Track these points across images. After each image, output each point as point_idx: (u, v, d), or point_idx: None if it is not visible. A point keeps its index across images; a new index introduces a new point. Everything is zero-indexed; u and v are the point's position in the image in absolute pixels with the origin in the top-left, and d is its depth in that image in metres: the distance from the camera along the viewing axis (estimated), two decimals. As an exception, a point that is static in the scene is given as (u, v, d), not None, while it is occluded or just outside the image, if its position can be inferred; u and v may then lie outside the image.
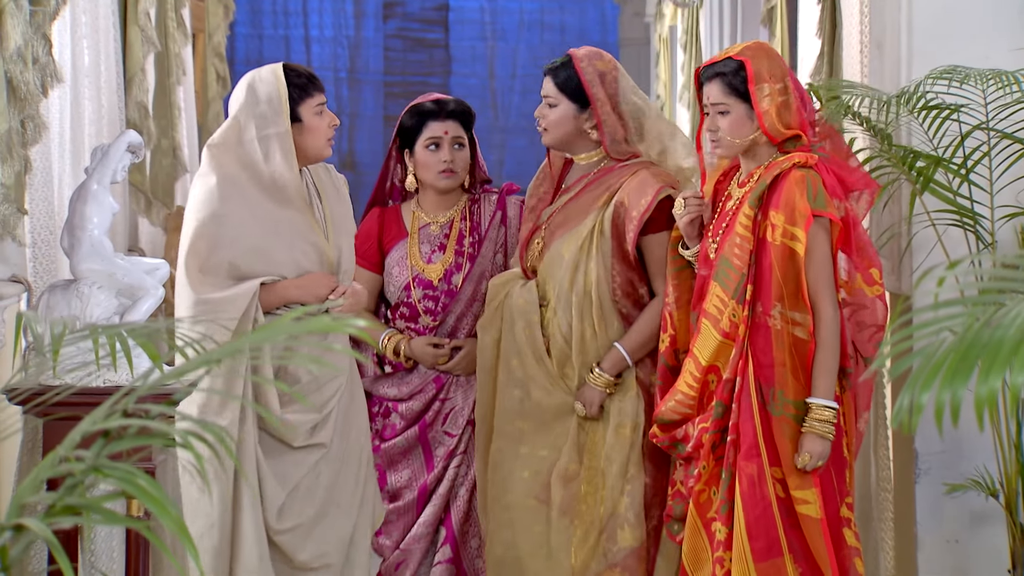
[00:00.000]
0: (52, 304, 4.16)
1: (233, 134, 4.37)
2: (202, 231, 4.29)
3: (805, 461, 4.20)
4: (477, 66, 16.80)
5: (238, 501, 4.30)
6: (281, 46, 16.48)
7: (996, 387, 2.01)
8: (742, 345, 4.28)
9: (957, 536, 5.08)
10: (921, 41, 5.08)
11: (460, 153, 4.95)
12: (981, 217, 4.84)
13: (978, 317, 2.15)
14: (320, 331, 2.02)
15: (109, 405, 1.95)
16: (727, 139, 4.35)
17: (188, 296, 4.27)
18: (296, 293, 4.38)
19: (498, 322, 4.76)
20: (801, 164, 4.27)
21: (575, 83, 4.69)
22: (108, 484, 1.98)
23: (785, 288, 4.24)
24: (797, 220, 4.22)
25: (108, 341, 2.37)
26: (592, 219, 4.68)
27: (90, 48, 5.32)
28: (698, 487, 4.36)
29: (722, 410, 4.31)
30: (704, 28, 10.64)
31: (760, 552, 4.21)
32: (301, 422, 4.37)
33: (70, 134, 4.90)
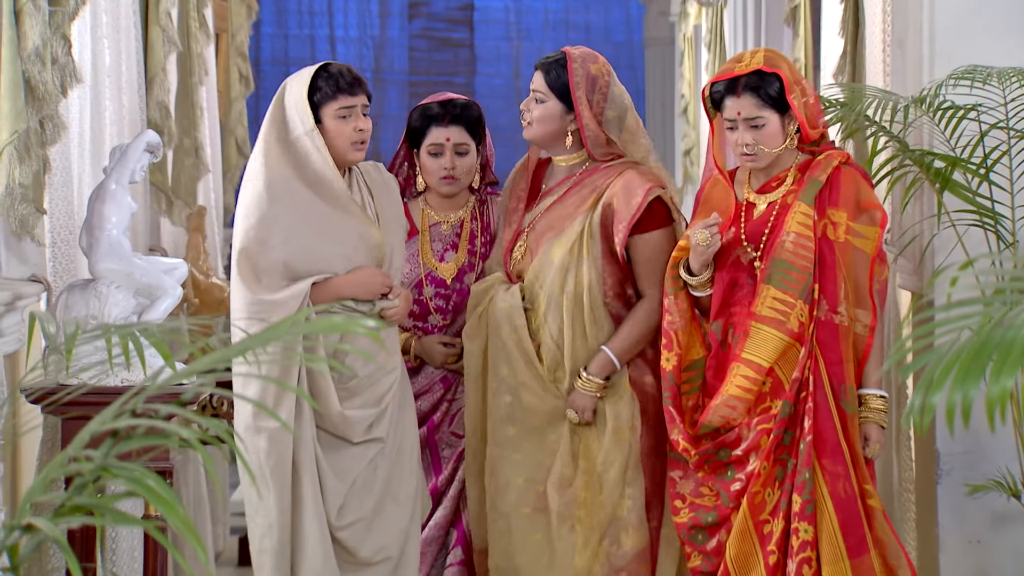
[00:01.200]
0: (70, 304, 4.17)
1: (274, 134, 4.42)
2: (253, 234, 4.34)
3: (875, 451, 4.29)
4: (502, 66, 16.78)
5: (299, 500, 4.33)
6: (307, 46, 16.48)
7: (1008, 387, 2.00)
8: (810, 345, 4.28)
9: (979, 537, 5.06)
10: (943, 40, 5.06)
11: (463, 160, 4.94)
12: (1002, 217, 4.82)
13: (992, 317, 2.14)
14: (330, 331, 2.02)
15: (119, 405, 1.96)
16: (765, 151, 4.34)
17: (243, 296, 4.30)
18: (349, 289, 4.42)
19: (484, 329, 4.73)
20: (844, 162, 4.31)
21: (564, 83, 4.66)
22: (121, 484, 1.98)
23: (848, 284, 4.26)
24: (863, 217, 4.24)
25: (121, 341, 2.36)
26: (580, 222, 4.65)
27: (111, 48, 5.32)
28: (754, 488, 4.34)
29: (789, 410, 4.30)
30: (728, 27, 10.62)
31: (853, 549, 4.26)
32: (360, 418, 4.41)
33: (90, 134, 4.91)
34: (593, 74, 4.66)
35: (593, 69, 4.67)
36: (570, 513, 4.63)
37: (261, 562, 4.37)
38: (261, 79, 16.04)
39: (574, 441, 4.67)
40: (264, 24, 16.20)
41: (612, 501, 4.60)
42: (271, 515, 4.32)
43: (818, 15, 6.99)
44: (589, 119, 4.63)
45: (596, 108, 4.64)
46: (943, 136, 4.87)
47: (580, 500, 4.63)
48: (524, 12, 16.90)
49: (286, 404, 4.28)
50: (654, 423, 4.64)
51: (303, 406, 4.31)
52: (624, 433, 4.62)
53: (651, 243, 4.63)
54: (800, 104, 4.31)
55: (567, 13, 16.85)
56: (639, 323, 4.64)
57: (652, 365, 4.67)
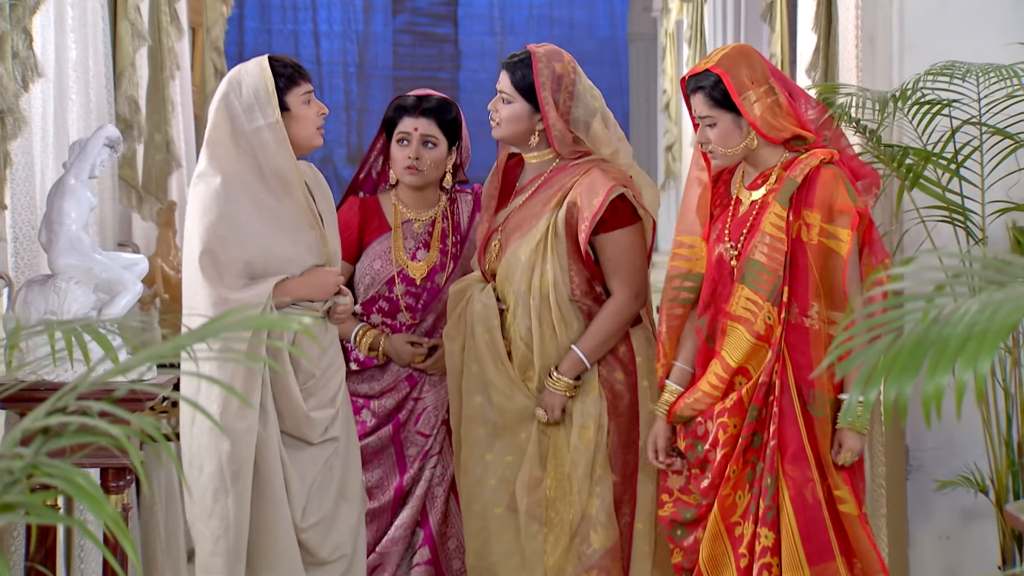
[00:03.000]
0: (30, 299, 4.15)
1: (225, 129, 4.36)
2: (214, 231, 4.28)
3: (847, 458, 4.19)
4: (486, 61, 16.78)
5: (265, 502, 4.30)
6: (290, 40, 16.48)
7: (943, 384, 1.99)
8: (779, 347, 4.25)
9: (948, 533, 5.07)
10: (913, 36, 5.06)
11: (430, 152, 4.93)
12: (972, 212, 4.82)
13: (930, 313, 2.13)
14: (266, 327, 2.01)
15: (52, 402, 1.94)
16: (719, 150, 4.32)
17: (208, 295, 4.24)
18: (304, 291, 4.38)
19: (463, 329, 4.72)
20: (827, 161, 4.24)
21: (529, 82, 4.63)
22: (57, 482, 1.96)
23: (822, 287, 4.21)
24: (837, 219, 4.19)
25: (64, 337, 2.35)
26: (546, 220, 4.63)
27: (77, 42, 5.29)
28: (724, 490, 4.32)
29: (756, 413, 4.28)
30: (708, 23, 10.61)
31: (813, 555, 4.20)
32: (321, 419, 4.40)
33: (53, 128, 4.88)
34: (559, 73, 4.63)
35: (558, 68, 4.64)
36: (539, 513, 4.62)
37: (212, 565, 4.29)
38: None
39: (543, 441, 4.66)
40: (247, 19, 16.19)
41: (581, 500, 4.59)
42: (228, 518, 4.27)
43: (794, 11, 6.97)
44: (555, 119, 4.61)
45: (562, 107, 4.62)
46: (914, 132, 4.86)
47: (550, 500, 4.62)
48: (508, 7, 16.91)
49: (252, 399, 4.25)
50: (625, 420, 4.64)
51: (268, 409, 4.29)
52: (590, 431, 4.60)
53: (616, 241, 4.62)
54: (752, 104, 4.26)
55: (551, 8, 16.86)
56: (607, 321, 4.63)
57: (622, 362, 4.67)
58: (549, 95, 4.59)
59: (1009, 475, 4.76)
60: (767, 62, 4.37)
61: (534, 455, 4.64)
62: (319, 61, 16.49)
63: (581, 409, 4.62)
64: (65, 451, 2.03)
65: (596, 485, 4.60)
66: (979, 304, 2.08)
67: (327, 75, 16.47)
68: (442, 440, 4.91)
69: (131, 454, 1.80)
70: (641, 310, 4.73)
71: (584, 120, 4.64)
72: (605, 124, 4.69)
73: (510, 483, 4.66)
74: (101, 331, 2.39)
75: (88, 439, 1.87)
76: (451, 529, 4.91)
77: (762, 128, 4.24)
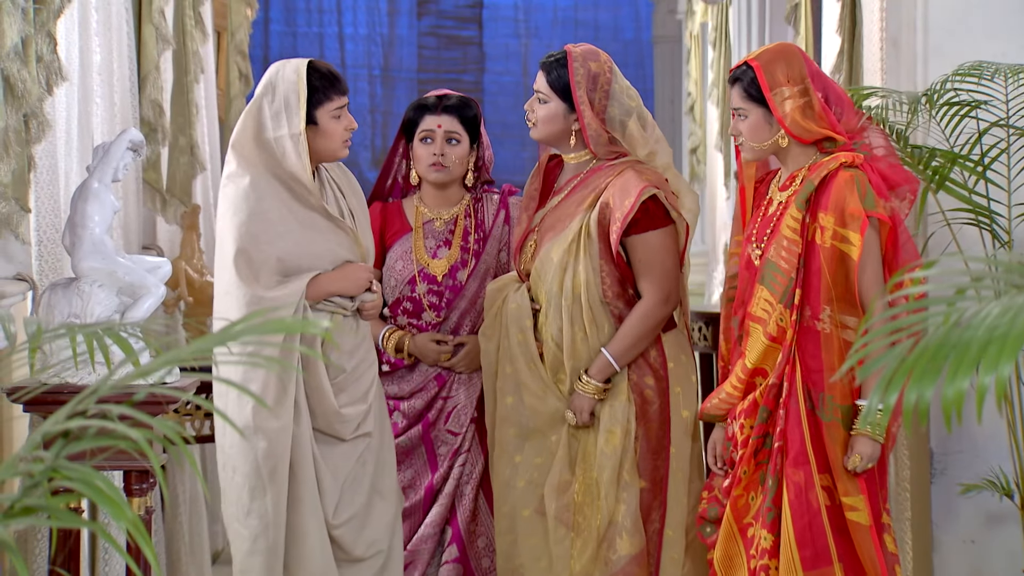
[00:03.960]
0: (53, 303, 4.16)
1: (251, 131, 4.38)
2: (246, 230, 4.31)
3: (856, 463, 4.15)
4: (511, 63, 16.77)
5: (297, 500, 4.32)
6: (315, 43, 16.48)
7: (963, 388, 1.98)
8: (790, 350, 4.24)
9: (973, 537, 5.05)
10: (937, 39, 5.06)
11: (454, 148, 4.96)
12: (997, 215, 4.80)
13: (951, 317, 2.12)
14: (280, 331, 2.01)
15: (72, 406, 1.95)
16: (748, 143, 4.34)
17: (243, 295, 4.28)
18: (337, 285, 4.42)
19: (499, 328, 4.73)
20: (848, 164, 4.22)
21: (565, 82, 4.65)
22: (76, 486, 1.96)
23: (835, 291, 4.19)
24: (849, 222, 4.17)
25: (86, 340, 2.36)
26: (579, 221, 4.64)
27: (102, 46, 5.30)
28: (736, 491, 4.32)
29: (767, 415, 4.27)
30: (733, 25, 10.59)
31: (808, 561, 4.17)
32: (353, 415, 4.41)
33: (78, 132, 4.89)
34: (594, 72, 4.64)
35: (594, 67, 4.65)
36: (567, 518, 4.62)
37: (250, 564, 4.32)
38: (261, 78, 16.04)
39: (572, 445, 4.65)
40: (272, 22, 16.20)
41: (608, 506, 4.58)
42: (267, 516, 4.29)
43: (819, 13, 6.96)
44: (591, 118, 4.62)
45: (598, 107, 4.63)
46: (941, 134, 4.85)
47: (578, 505, 4.61)
48: (533, 10, 16.89)
49: (285, 404, 4.27)
50: (655, 426, 4.63)
51: (301, 406, 4.31)
52: (616, 436, 4.59)
53: (647, 243, 4.61)
54: (783, 101, 4.26)
55: (576, 11, 16.83)
56: (636, 324, 4.62)
57: (653, 367, 4.66)
58: (584, 94, 4.61)
59: (1034, 479, 4.74)
60: (811, 65, 4.34)
61: (564, 459, 4.63)
62: (344, 64, 16.49)
63: (609, 413, 4.61)
64: (86, 454, 2.03)
65: (623, 491, 4.59)
66: (1000, 308, 2.07)
67: (352, 78, 16.46)
68: (471, 438, 4.93)
69: (151, 458, 1.80)
70: (676, 314, 4.72)
71: (620, 119, 4.64)
72: (642, 125, 4.69)
73: (539, 486, 4.65)
74: (123, 335, 2.40)
75: (108, 443, 1.87)
76: (480, 527, 4.92)
77: (790, 126, 4.25)
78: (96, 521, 4.11)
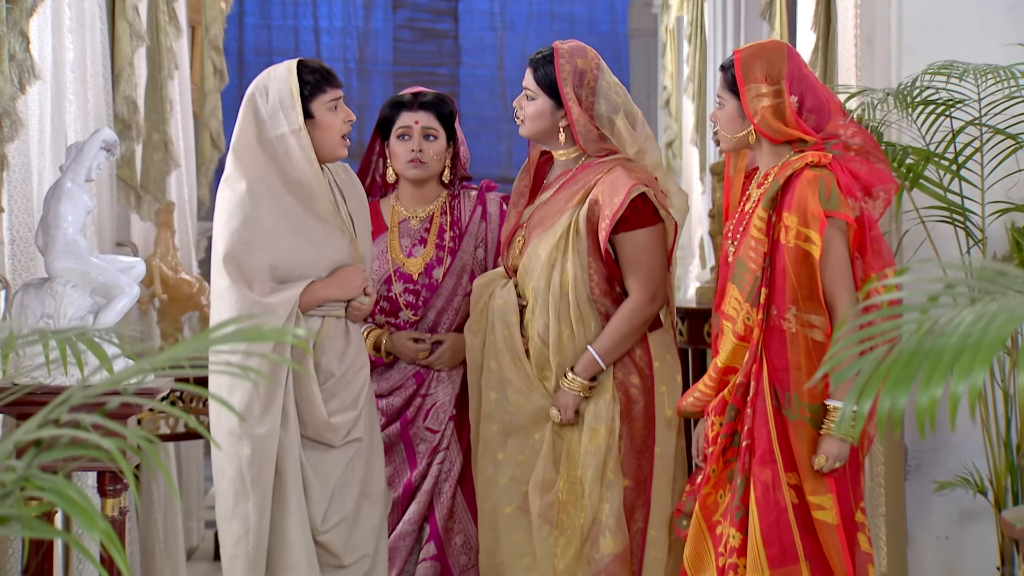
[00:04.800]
0: (26, 303, 4.14)
1: (251, 134, 4.38)
2: (239, 236, 4.31)
3: (822, 463, 4.14)
4: (487, 56, 16.75)
5: (283, 507, 4.31)
6: (290, 36, 16.44)
7: (937, 396, 1.99)
8: (756, 349, 4.23)
9: (947, 533, 5.07)
10: (911, 37, 5.06)
11: (432, 144, 4.96)
12: (971, 213, 4.81)
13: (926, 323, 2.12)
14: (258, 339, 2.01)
15: (44, 414, 1.94)
16: (722, 133, 4.35)
17: (236, 300, 4.27)
18: (332, 292, 4.41)
19: (484, 323, 4.73)
20: (814, 164, 4.21)
21: (552, 79, 4.65)
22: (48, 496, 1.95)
23: (800, 290, 4.18)
24: (810, 222, 4.15)
25: (59, 346, 2.35)
26: (567, 218, 4.64)
27: (75, 43, 5.28)
28: (705, 489, 4.32)
29: (734, 413, 4.27)
30: (709, 20, 10.59)
31: (775, 559, 4.17)
32: (343, 423, 4.41)
33: (51, 130, 4.87)
34: (581, 68, 4.64)
35: (581, 63, 4.65)
36: (550, 516, 4.61)
37: (233, 567, 4.34)
38: (245, 69, 15.99)
39: (557, 443, 4.65)
40: (247, 15, 16.16)
41: (592, 504, 4.57)
42: (249, 521, 4.30)
43: (794, 9, 6.96)
44: (579, 114, 4.62)
45: (585, 103, 4.63)
46: (916, 132, 4.85)
47: (562, 503, 4.61)
48: (508, 3, 16.88)
49: (272, 412, 4.27)
50: (639, 425, 4.63)
51: (289, 414, 4.30)
52: (600, 434, 4.59)
53: (635, 241, 4.61)
54: (754, 98, 4.26)
55: (551, 4, 16.83)
56: (623, 322, 4.62)
57: (638, 366, 4.66)
58: (571, 90, 4.61)
59: (1008, 476, 4.75)
60: (798, 68, 4.28)
61: (547, 456, 4.63)
62: (319, 57, 16.43)
63: (593, 411, 4.61)
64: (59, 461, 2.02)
65: (607, 489, 4.58)
66: (973, 315, 2.07)
67: (327, 71, 16.44)
68: (450, 436, 4.92)
69: (123, 468, 1.79)
70: (662, 313, 4.72)
71: (608, 116, 4.64)
72: (631, 123, 4.69)
73: (521, 483, 4.65)
74: (96, 340, 2.39)
75: (80, 452, 1.86)
76: (458, 525, 4.91)
77: (759, 123, 4.24)
78: (70, 532, 4.10)
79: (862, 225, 4.22)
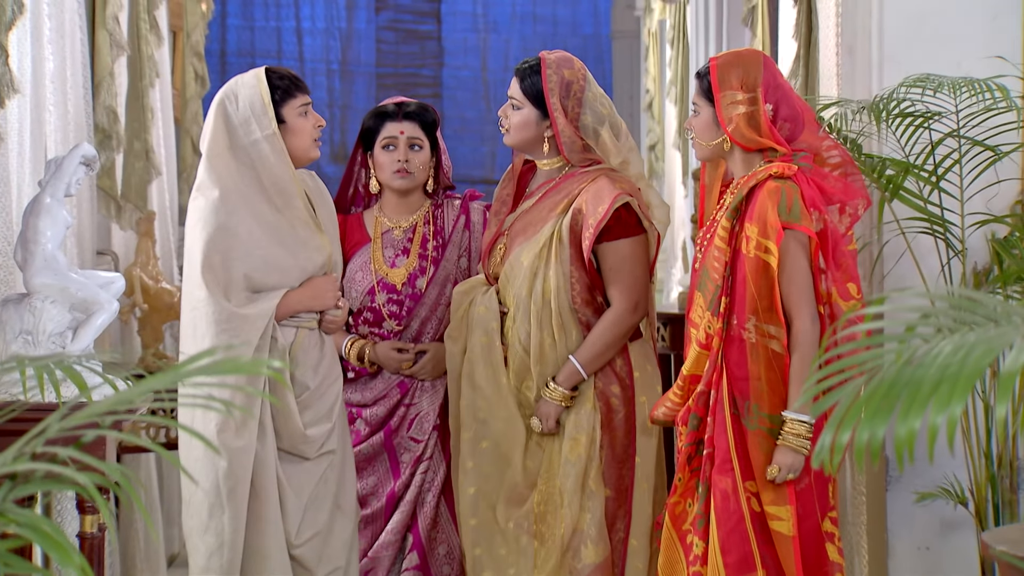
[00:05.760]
0: (5, 318, 4.13)
1: (223, 141, 4.37)
2: (214, 245, 4.30)
3: (774, 473, 4.14)
4: (470, 58, 16.73)
5: (259, 521, 4.30)
6: (272, 37, 16.40)
7: (915, 427, 1.99)
8: (716, 357, 4.24)
9: (928, 543, 5.07)
10: (892, 47, 5.06)
11: (417, 155, 4.95)
12: (951, 224, 4.82)
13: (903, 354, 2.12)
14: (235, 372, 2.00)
15: (18, 447, 1.93)
16: (698, 140, 4.35)
17: (212, 311, 4.26)
18: (305, 303, 4.41)
19: (464, 331, 4.73)
20: (777, 175, 4.20)
21: (539, 89, 4.66)
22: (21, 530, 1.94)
23: (759, 301, 4.18)
24: (769, 233, 4.16)
25: (36, 373, 2.34)
26: (551, 226, 4.64)
27: (55, 53, 5.26)
28: (674, 499, 4.33)
29: (697, 422, 4.27)
30: (691, 25, 10.58)
31: (733, 567, 4.17)
32: (318, 435, 4.40)
33: (30, 143, 4.85)
34: (568, 79, 4.65)
35: (568, 74, 4.66)
36: (528, 527, 4.61)
37: None
38: (227, 71, 15.94)
39: (536, 453, 4.65)
40: (230, 16, 16.12)
41: (572, 514, 4.58)
42: (224, 534, 4.28)
43: (776, 16, 6.95)
44: (564, 125, 4.63)
45: (571, 114, 4.64)
46: (895, 144, 4.86)
47: (540, 513, 4.61)
48: (491, 4, 16.85)
49: (249, 425, 4.26)
50: (620, 434, 4.63)
51: (266, 427, 4.29)
52: (581, 444, 4.59)
53: (618, 251, 4.62)
54: (728, 105, 4.26)
55: (534, 5, 16.81)
56: (605, 332, 4.63)
57: (619, 375, 4.66)
58: (557, 101, 4.62)
59: (988, 487, 4.76)
60: (773, 77, 4.29)
61: (520, 467, 4.63)
62: (302, 58, 16.42)
63: (574, 421, 4.62)
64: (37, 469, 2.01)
65: (588, 499, 4.59)
66: (952, 345, 2.08)
67: (310, 72, 16.39)
68: (434, 446, 4.92)
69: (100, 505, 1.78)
70: (642, 324, 4.73)
71: (593, 127, 4.65)
72: (616, 134, 4.71)
73: (490, 495, 4.65)
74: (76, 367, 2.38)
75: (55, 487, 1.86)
76: (441, 535, 4.91)
77: (732, 132, 4.25)
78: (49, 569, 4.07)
79: (824, 238, 4.22)
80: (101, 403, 2.01)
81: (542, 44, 16.92)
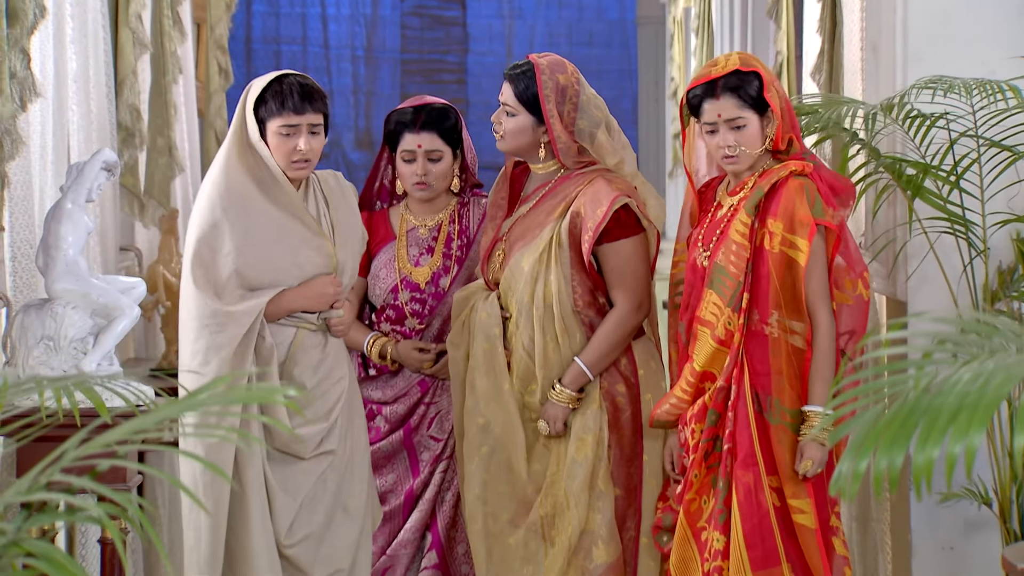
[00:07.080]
0: (27, 324, 4.14)
1: (235, 136, 4.41)
2: (205, 241, 4.31)
3: (807, 468, 4.17)
4: (494, 44, 16.73)
5: (245, 519, 4.29)
6: (298, 24, 16.41)
7: (933, 456, 1.98)
8: (737, 353, 4.26)
9: (952, 543, 5.05)
10: (916, 45, 5.02)
11: (436, 166, 4.93)
12: (973, 224, 4.80)
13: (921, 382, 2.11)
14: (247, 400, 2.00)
15: (33, 476, 1.93)
16: (746, 152, 4.32)
17: (200, 305, 4.27)
18: (301, 302, 4.41)
19: (466, 336, 4.71)
20: (798, 172, 4.23)
21: (533, 94, 4.61)
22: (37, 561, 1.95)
23: (783, 296, 4.21)
24: (798, 229, 4.19)
25: (55, 394, 2.34)
26: (550, 230, 4.63)
27: (78, 53, 5.27)
28: (689, 495, 4.34)
29: (715, 418, 4.29)
30: (716, 15, 10.55)
31: (757, 561, 4.21)
32: (311, 435, 4.39)
33: (52, 147, 4.85)
34: (562, 84, 4.62)
35: (562, 79, 4.62)
36: (537, 530, 4.61)
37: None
38: (253, 58, 15.96)
39: (542, 457, 4.65)
40: (255, 2, 16.14)
41: (580, 514, 4.58)
42: (199, 531, 4.29)
43: (801, 9, 6.92)
44: (560, 131, 4.60)
45: (567, 119, 4.61)
46: (914, 144, 4.84)
47: (547, 516, 4.61)
48: (516, -10, 16.85)
49: (228, 419, 4.24)
50: (627, 433, 4.64)
51: (252, 423, 4.26)
52: (588, 444, 4.59)
53: (619, 252, 4.61)
54: (778, 103, 4.29)
55: (559, -9, 16.80)
56: (610, 332, 4.62)
57: (624, 375, 4.66)
58: (554, 107, 4.58)
59: (1012, 487, 4.75)
60: None
61: (524, 472, 4.63)
62: (327, 44, 16.43)
63: (581, 422, 4.61)
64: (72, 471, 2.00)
65: (597, 499, 4.59)
66: (971, 373, 2.06)
67: (335, 59, 16.42)
68: (453, 444, 4.92)
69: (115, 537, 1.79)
70: (644, 322, 4.72)
71: (589, 131, 4.63)
72: (610, 133, 4.68)
73: (488, 500, 4.64)
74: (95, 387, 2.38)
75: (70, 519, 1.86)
76: (460, 534, 4.91)
77: (783, 127, 4.27)
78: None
79: (841, 231, 4.28)
80: (112, 432, 2.02)
81: (567, 30, 16.93)
